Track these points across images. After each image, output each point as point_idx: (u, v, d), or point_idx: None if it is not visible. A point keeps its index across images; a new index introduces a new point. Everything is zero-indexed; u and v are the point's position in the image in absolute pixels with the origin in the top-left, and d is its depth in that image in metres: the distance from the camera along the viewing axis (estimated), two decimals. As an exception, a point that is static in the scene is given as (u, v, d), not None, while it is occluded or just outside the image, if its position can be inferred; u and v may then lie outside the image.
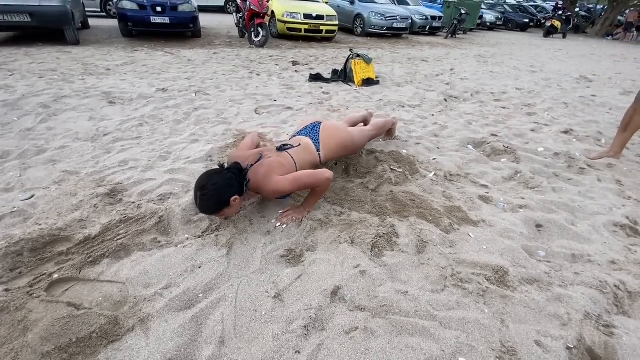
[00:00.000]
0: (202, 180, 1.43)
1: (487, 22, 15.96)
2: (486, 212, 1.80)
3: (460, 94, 4.24)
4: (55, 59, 4.71)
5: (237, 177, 1.46)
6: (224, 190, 1.42)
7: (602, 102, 4.21)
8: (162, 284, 1.22)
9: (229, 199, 1.42)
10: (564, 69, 6.71)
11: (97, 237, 1.41)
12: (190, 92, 3.56)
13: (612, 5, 16.23)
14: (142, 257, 1.34)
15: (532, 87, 4.85)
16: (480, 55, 7.96)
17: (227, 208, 1.45)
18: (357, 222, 1.62)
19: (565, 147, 2.67)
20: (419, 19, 11.71)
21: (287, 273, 1.32)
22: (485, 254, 1.48)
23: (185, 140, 2.44)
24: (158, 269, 1.28)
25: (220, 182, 1.42)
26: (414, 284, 1.31)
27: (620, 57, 9.13)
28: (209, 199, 1.40)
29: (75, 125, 2.57)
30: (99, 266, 1.29)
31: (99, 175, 1.88)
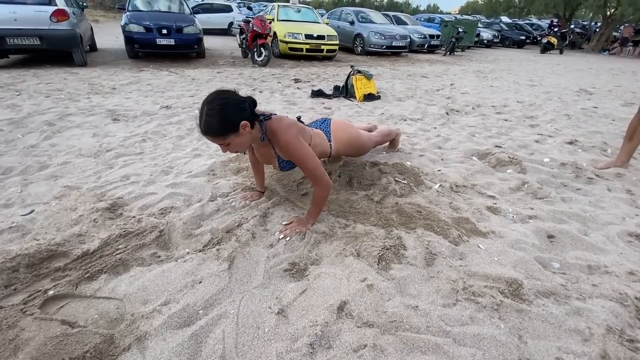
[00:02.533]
0: (211, 95, 1.33)
1: (484, 39, 16.33)
2: (495, 223, 1.75)
3: (461, 108, 4.26)
4: (62, 79, 4.81)
5: (250, 105, 1.39)
6: (234, 108, 1.31)
7: (604, 114, 4.20)
8: (160, 300, 1.17)
9: (238, 122, 1.31)
10: (563, 82, 6.77)
11: (95, 252, 1.37)
12: (193, 109, 3.60)
13: (606, 22, 16.62)
14: (140, 273, 1.29)
15: (532, 100, 4.87)
16: (479, 71, 8.07)
17: (234, 135, 1.33)
18: (363, 235, 1.57)
19: (571, 158, 2.64)
20: (418, 38, 12.00)
21: (290, 288, 1.27)
22: (497, 266, 1.42)
23: (187, 155, 2.43)
24: (157, 284, 1.23)
25: (232, 100, 1.32)
26: (424, 298, 1.25)
27: (618, 71, 9.23)
28: (216, 113, 1.28)
29: (78, 142, 2.58)
30: (96, 282, 1.24)
31: (100, 190, 1.86)
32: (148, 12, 7.43)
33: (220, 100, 1.30)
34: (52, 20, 5.36)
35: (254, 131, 1.44)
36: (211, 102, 1.30)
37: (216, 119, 1.28)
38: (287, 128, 1.50)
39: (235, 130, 1.32)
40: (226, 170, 2.22)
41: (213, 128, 1.30)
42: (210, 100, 1.31)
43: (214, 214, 1.70)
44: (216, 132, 1.30)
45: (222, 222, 1.63)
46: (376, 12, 12.48)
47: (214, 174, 2.14)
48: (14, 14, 5.11)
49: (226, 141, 1.34)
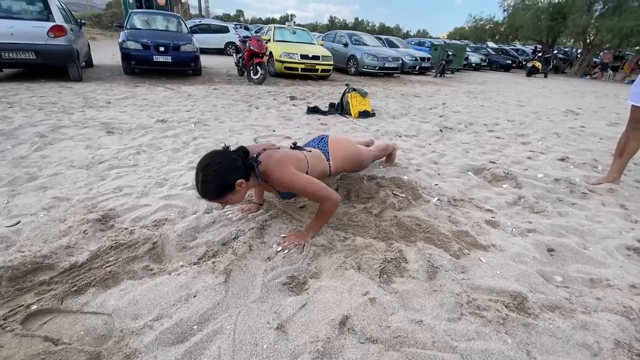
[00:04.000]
0: (205, 160, 1.34)
1: (473, 63, 16.96)
2: (495, 237, 1.74)
3: (454, 125, 4.34)
4: (56, 92, 4.78)
5: (242, 159, 1.39)
6: (229, 171, 1.33)
7: (591, 133, 4.33)
8: (152, 315, 1.11)
9: (234, 182, 1.33)
10: (550, 103, 7.00)
11: (83, 265, 1.30)
12: (189, 122, 3.59)
13: (587, 48, 17.48)
14: (131, 286, 1.23)
15: (522, 119, 5.01)
16: (470, 92, 8.32)
17: (232, 193, 1.35)
18: (363, 247, 1.54)
19: (564, 174, 2.68)
20: (409, 60, 12.40)
21: (290, 302, 1.21)
22: (500, 280, 1.39)
23: (183, 168, 2.39)
24: (149, 298, 1.17)
25: (225, 162, 1.33)
26: (428, 312, 1.21)
27: (600, 94, 9.62)
28: (211, 180, 1.30)
29: (70, 154, 2.52)
30: (83, 296, 1.17)
31: (91, 202, 1.80)
32: (146, 30, 7.54)
33: (215, 165, 1.32)
34: (50, 35, 5.39)
35: (250, 182, 1.45)
36: (205, 168, 1.32)
37: (213, 184, 1.31)
38: (277, 165, 1.47)
39: (231, 189, 1.35)
40: (222, 182, 2.18)
41: (211, 193, 1.34)
42: (205, 166, 1.33)
43: (209, 226, 1.65)
44: (213, 196, 1.35)
45: (218, 234, 1.58)
46: (369, 35, 12.91)
47: (210, 187, 2.10)
48: (10, 28, 5.13)
49: (223, 200, 1.38)
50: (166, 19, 8.34)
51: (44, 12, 5.67)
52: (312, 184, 1.48)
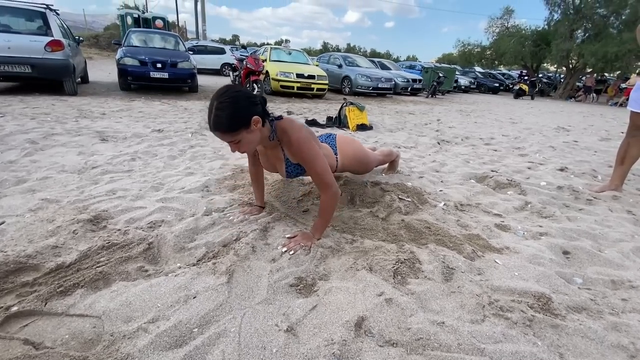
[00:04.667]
0: (222, 89, 1.25)
1: (462, 85, 17.50)
2: (507, 240, 1.67)
3: (451, 139, 4.37)
4: (50, 104, 4.71)
5: (262, 103, 1.32)
6: (246, 102, 1.24)
7: (585, 146, 4.39)
8: (147, 317, 0.99)
9: (250, 116, 1.23)
10: (540, 121, 7.18)
11: (71, 265, 1.19)
12: (186, 132, 3.53)
13: (570, 72, 18.26)
14: (124, 287, 1.11)
15: (517, 134, 5.08)
16: (462, 110, 8.51)
17: (246, 130, 1.24)
18: (373, 249, 1.45)
19: (566, 182, 2.67)
20: (401, 81, 12.73)
21: (299, 303, 1.11)
22: (519, 281, 1.31)
23: (179, 173, 2.31)
24: (143, 299, 1.06)
25: (243, 94, 1.25)
26: (448, 313, 1.12)
27: (587, 113, 9.94)
28: (227, 106, 1.20)
29: (62, 159, 2.42)
30: (70, 297, 1.06)
31: (83, 204, 1.69)
32: (144, 47, 7.61)
33: (232, 94, 1.23)
34: (47, 49, 5.38)
35: (264, 130, 1.36)
36: (221, 95, 1.23)
37: (227, 112, 1.20)
38: (299, 127, 1.45)
39: (247, 125, 1.24)
40: (221, 187, 2.10)
41: (224, 122, 1.21)
42: (221, 93, 1.24)
43: (209, 228, 1.55)
44: (228, 126, 1.22)
45: (219, 235, 1.48)
46: (362, 57, 13.31)
47: (209, 191, 2.01)
48: (8, 42, 5.11)
49: (237, 138, 1.26)
50: (164, 38, 8.46)
51: (42, 28, 5.70)
52: (323, 163, 1.43)
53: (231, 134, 1.24)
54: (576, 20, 16.96)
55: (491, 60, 22.96)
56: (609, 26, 16.50)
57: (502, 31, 20.98)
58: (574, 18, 16.99)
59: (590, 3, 16.65)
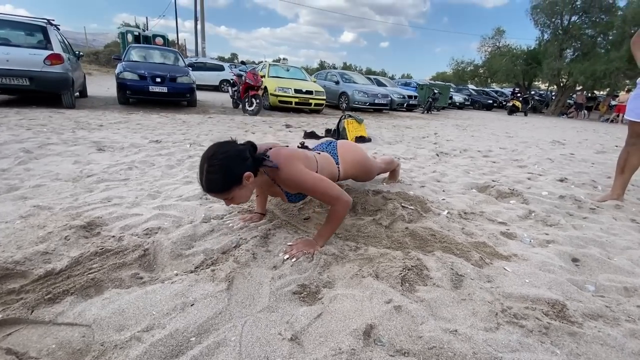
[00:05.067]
0: (210, 150, 1.23)
1: (457, 102, 17.84)
2: (514, 247, 1.63)
3: (449, 151, 4.39)
4: (47, 117, 4.68)
5: (251, 152, 1.28)
6: (237, 161, 1.22)
7: (582, 159, 4.42)
8: (141, 325, 0.93)
9: (241, 174, 1.22)
10: (535, 135, 7.27)
11: (62, 272, 1.13)
12: (184, 143, 3.50)
13: (561, 90, 18.74)
14: (117, 295, 1.05)
15: (514, 147, 5.12)
16: (458, 125, 8.61)
17: (238, 187, 1.23)
18: (378, 256, 1.40)
19: (567, 192, 2.65)
20: (397, 97, 12.93)
21: (303, 311, 1.05)
22: (531, 288, 1.26)
23: (177, 182, 2.26)
24: (137, 307, 0.99)
25: (232, 152, 1.22)
26: (460, 321, 1.06)
27: (580, 129, 10.11)
28: (217, 170, 1.18)
29: (57, 168, 2.37)
30: (58, 305, 0.99)
31: (76, 211, 1.63)
32: (144, 62, 7.69)
33: (221, 155, 1.22)
34: (46, 63, 5.41)
35: (257, 178, 1.35)
36: (211, 157, 1.22)
37: (218, 175, 1.20)
38: (286, 161, 1.37)
39: (238, 183, 1.24)
40: (220, 195, 2.05)
41: (216, 185, 1.22)
42: (210, 155, 1.23)
43: (207, 235, 1.50)
44: (219, 188, 1.23)
45: (218, 242, 1.43)
46: (359, 74, 13.57)
47: (207, 199, 1.96)
48: (7, 55, 5.14)
49: (230, 195, 1.26)
50: (164, 53, 8.58)
51: (43, 42, 5.75)
52: (322, 182, 1.38)
53: (224, 194, 1.25)
54: (565, 40, 17.57)
55: (484, 78, 23.54)
56: (596, 46, 17.09)
57: (494, 50, 21.64)
58: (563, 38, 17.61)
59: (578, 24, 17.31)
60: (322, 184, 1.38)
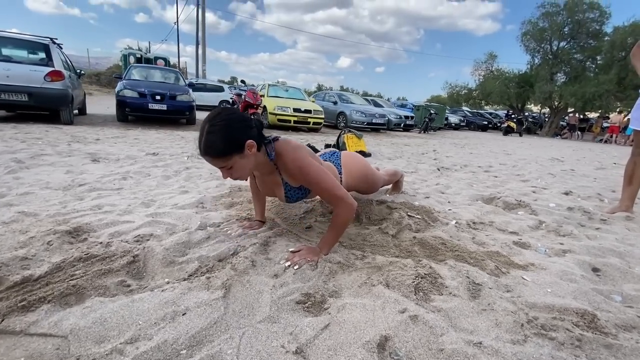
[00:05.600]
0: (215, 111, 1.16)
1: (452, 123, 18.12)
2: (530, 257, 1.53)
3: (450, 166, 4.35)
4: (43, 131, 4.63)
5: (257, 126, 1.22)
6: (240, 125, 1.13)
7: (583, 174, 4.39)
8: (125, 336, 0.81)
9: (243, 140, 1.13)
10: (533, 153, 7.30)
11: (40, 278, 1.01)
12: (182, 156, 3.43)
13: (554, 112, 19.14)
14: (100, 303, 0.94)
15: (514, 163, 5.10)
16: (456, 143, 8.67)
17: (239, 155, 1.13)
18: (387, 264, 1.30)
19: (575, 204, 2.58)
20: (394, 118, 13.09)
21: (308, 322, 0.94)
22: (555, 297, 1.16)
23: (173, 192, 2.17)
24: (122, 316, 0.88)
25: (237, 116, 1.15)
26: (483, 333, 0.95)
27: (576, 148, 10.21)
28: (219, 129, 1.09)
29: (47, 177, 2.27)
30: (32, 314, 0.87)
31: (63, 217, 1.53)
32: (144, 81, 7.76)
33: (225, 116, 1.15)
34: (47, 79, 5.43)
35: (259, 154, 1.27)
36: (214, 118, 1.14)
37: (219, 135, 1.11)
38: (295, 148, 1.33)
39: (240, 149, 1.14)
40: (217, 204, 1.96)
41: (215, 146, 1.11)
42: (213, 116, 1.15)
43: (203, 242, 1.39)
44: (219, 151, 1.12)
45: (214, 250, 1.32)
46: (356, 95, 13.82)
47: (204, 207, 1.87)
48: (7, 70, 5.15)
49: (229, 163, 1.15)
50: (165, 73, 8.70)
51: (44, 59, 5.81)
52: (329, 177, 1.30)
53: (223, 158, 1.13)
54: (555, 64, 18.16)
55: (478, 101, 24.08)
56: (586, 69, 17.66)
57: (487, 74, 22.27)
58: (553, 62, 18.21)
59: (567, 49, 17.96)
60: (328, 178, 1.30)
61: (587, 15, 17.11)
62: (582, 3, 16.95)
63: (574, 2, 17.08)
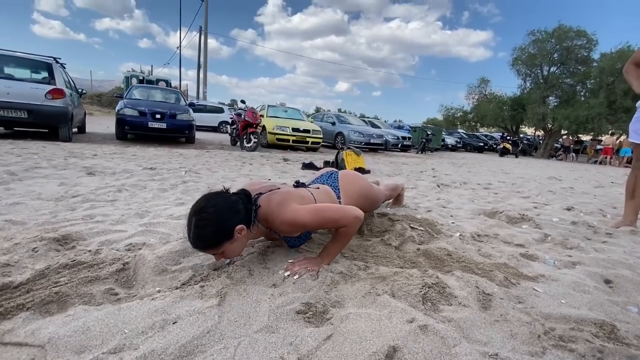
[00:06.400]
0: (199, 203, 1.09)
1: (449, 144, 18.35)
2: (539, 269, 1.47)
3: (449, 183, 4.33)
4: (40, 147, 4.60)
5: (244, 203, 1.14)
6: (227, 214, 1.07)
7: (583, 192, 4.38)
8: (108, 345, 0.74)
9: (232, 228, 1.06)
10: (531, 172, 7.33)
11: (21, 285, 0.94)
12: (180, 170, 3.39)
13: (548, 135, 19.48)
14: (84, 312, 0.86)
15: (513, 181, 5.09)
16: (454, 163, 8.71)
17: (230, 242, 1.07)
18: (392, 275, 1.23)
19: (578, 219, 2.54)
20: (392, 138, 13.24)
21: (309, 332, 0.87)
22: (570, 308, 1.10)
23: (169, 204, 2.11)
24: (106, 324, 0.81)
25: (223, 205, 1.08)
26: (498, 344, 0.88)
27: (572, 169, 10.28)
28: (207, 224, 1.03)
29: (40, 188, 2.22)
30: (8, 322, 0.80)
31: (52, 226, 1.47)
32: (145, 100, 7.84)
33: (211, 208, 1.09)
34: (47, 97, 5.47)
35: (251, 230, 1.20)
36: (200, 210, 1.09)
37: (208, 230, 1.06)
38: (279, 204, 1.23)
39: (230, 237, 1.10)
40: (214, 216, 1.89)
41: (205, 240, 1.08)
42: (199, 208, 1.10)
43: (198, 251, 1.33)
44: (208, 244, 1.08)
45: (209, 258, 1.26)
46: (354, 116, 14.04)
47: (200, 218, 1.81)
48: (8, 88, 5.20)
49: (220, 250, 1.11)
50: (165, 94, 8.81)
51: (47, 78, 5.89)
52: (320, 212, 1.23)
53: (214, 249, 1.10)
54: (547, 89, 18.69)
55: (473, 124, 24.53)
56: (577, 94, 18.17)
57: (480, 97, 22.84)
58: (545, 86, 18.75)
59: (557, 74, 18.55)
60: (324, 214, 1.23)
61: (575, 42, 17.82)
62: (570, 30, 17.70)
63: (562, 30, 17.83)
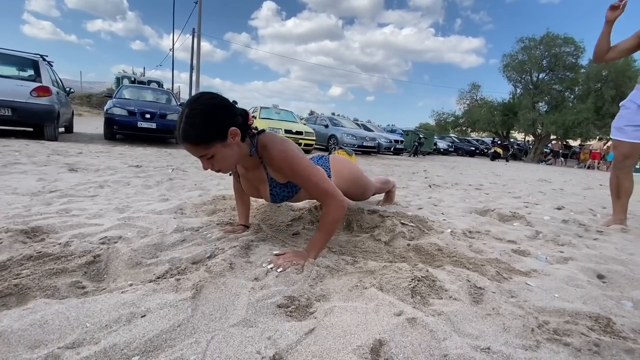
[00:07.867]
0: (196, 95, 1.07)
1: (441, 148, 18.50)
2: (531, 264, 1.44)
3: (441, 184, 4.31)
4: (23, 145, 4.46)
5: (242, 116, 1.13)
6: (223, 111, 1.04)
7: (572, 193, 4.41)
8: (66, 340, 0.67)
9: (226, 127, 1.03)
10: (521, 175, 7.39)
11: (-23, 278, 0.87)
12: (166, 168, 3.31)
13: (537, 139, 19.80)
14: (44, 305, 0.79)
15: (504, 183, 5.11)
16: (446, 165, 8.75)
17: (221, 143, 1.03)
18: (380, 269, 1.18)
19: (569, 217, 2.53)
20: (384, 141, 13.28)
21: (290, 326, 0.81)
22: (564, 302, 1.06)
23: (152, 200, 2.03)
24: (67, 317, 0.74)
25: (220, 100, 1.06)
26: (490, 338, 0.84)
27: (561, 172, 10.43)
28: (199, 114, 1.00)
29: (17, 183, 2.12)
30: (-44, 315, 0.72)
31: (23, 219, 1.38)
32: (135, 100, 7.69)
33: (206, 100, 1.05)
34: (33, 94, 5.32)
35: (243, 145, 1.16)
36: (194, 101, 1.04)
37: (200, 120, 1.00)
38: (282, 140, 1.26)
39: (222, 137, 1.04)
40: (199, 211, 1.83)
41: (195, 132, 1.00)
42: (194, 100, 1.06)
43: (177, 244, 1.26)
44: (199, 137, 1.01)
45: (188, 252, 1.19)
46: (347, 119, 14.05)
47: (183, 213, 1.74)
48: (-8, 85, 5.05)
49: (210, 152, 1.04)
50: (156, 94, 8.68)
51: (33, 75, 5.74)
52: (319, 172, 1.21)
53: (203, 146, 1.03)
54: (536, 94, 19.03)
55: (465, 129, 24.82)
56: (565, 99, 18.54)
57: (471, 103, 23.14)
58: (534, 92, 19.09)
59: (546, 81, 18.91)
60: (317, 172, 1.21)
61: (563, 49, 18.22)
62: (558, 38, 18.10)
63: (550, 37, 18.22)
